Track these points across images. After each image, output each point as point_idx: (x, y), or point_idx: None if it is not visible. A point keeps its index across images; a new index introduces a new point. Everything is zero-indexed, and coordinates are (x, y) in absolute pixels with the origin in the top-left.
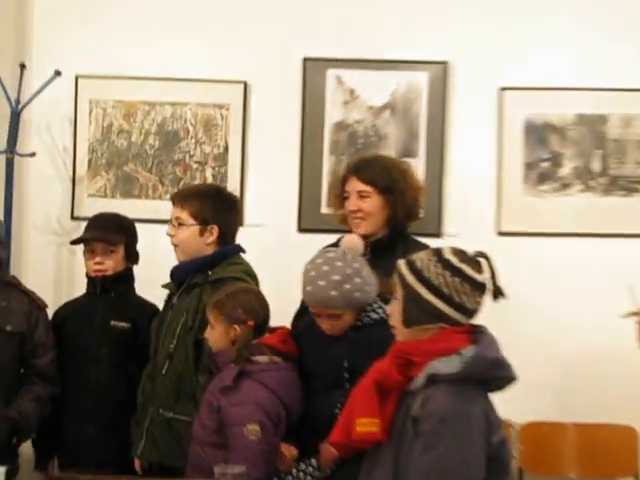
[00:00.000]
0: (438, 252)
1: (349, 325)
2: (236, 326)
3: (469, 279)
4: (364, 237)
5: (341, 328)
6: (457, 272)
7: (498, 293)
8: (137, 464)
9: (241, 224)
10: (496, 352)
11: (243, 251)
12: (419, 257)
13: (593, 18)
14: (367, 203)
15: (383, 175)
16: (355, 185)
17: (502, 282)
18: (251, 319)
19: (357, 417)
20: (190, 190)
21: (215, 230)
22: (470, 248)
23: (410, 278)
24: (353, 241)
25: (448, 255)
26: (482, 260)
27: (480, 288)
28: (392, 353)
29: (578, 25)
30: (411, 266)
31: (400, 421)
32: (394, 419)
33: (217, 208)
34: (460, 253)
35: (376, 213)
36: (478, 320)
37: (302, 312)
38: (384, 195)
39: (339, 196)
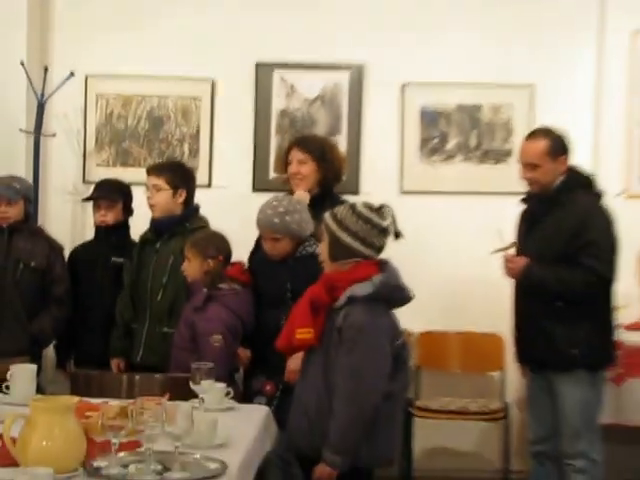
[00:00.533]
0: (353, 206)
1: (287, 252)
2: (210, 261)
3: (376, 225)
4: None
5: (280, 251)
6: (367, 220)
7: (397, 234)
8: (114, 364)
9: (209, 186)
10: (398, 279)
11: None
12: (339, 210)
13: (479, 28)
14: (304, 168)
15: (317, 147)
16: (296, 154)
17: (403, 228)
18: (221, 255)
19: (296, 327)
20: (163, 164)
21: (183, 193)
22: (378, 203)
23: (333, 226)
24: (303, 195)
25: (361, 208)
26: (386, 210)
27: (384, 231)
28: (322, 280)
29: (463, 35)
30: (334, 217)
31: (328, 330)
32: (324, 329)
33: (184, 177)
34: (369, 206)
35: (311, 176)
36: (388, 256)
37: (256, 249)
38: (318, 162)
39: (284, 163)
